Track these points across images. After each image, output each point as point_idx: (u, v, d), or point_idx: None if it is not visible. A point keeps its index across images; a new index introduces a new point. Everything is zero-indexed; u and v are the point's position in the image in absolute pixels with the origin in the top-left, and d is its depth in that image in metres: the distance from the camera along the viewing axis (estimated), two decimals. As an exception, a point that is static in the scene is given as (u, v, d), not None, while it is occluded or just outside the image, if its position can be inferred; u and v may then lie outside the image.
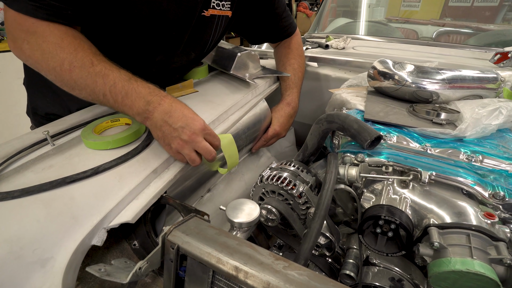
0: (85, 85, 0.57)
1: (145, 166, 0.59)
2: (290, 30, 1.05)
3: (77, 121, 0.70)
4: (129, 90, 0.58)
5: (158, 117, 0.58)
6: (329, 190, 0.60)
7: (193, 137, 0.58)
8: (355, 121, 0.68)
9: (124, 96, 0.57)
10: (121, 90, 0.57)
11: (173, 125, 0.57)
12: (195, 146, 0.59)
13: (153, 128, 0.59)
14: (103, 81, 0.57)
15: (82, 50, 0.58)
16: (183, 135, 0.57)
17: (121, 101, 0.58)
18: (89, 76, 0.57)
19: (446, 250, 0.54)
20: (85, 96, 0.60)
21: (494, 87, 0.82)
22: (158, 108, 0.58)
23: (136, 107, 0.58)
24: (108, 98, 0.58)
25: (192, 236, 0.48)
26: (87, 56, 0.58)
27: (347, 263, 0.66)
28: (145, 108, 0.58)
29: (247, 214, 0.59)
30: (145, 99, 0.58)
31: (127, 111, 0.59)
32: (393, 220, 0.56)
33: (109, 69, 0.58)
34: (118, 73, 0.58)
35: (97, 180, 0.54)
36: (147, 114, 0.58)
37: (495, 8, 1.76)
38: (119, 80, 0.58)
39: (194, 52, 0.86)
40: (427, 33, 1.90)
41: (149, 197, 0.56)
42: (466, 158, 0.63)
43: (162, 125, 0.58)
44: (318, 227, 0.56)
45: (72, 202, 0.49)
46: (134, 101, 0.58)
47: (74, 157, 0.58)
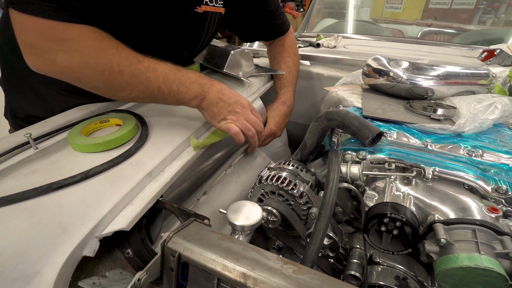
0: (138, 83, 0.57)
1: (139, 169, 0.55)
2: (283, 28, 1.03)
3: (62, 123, 0.66)
4: (181, 78, 0.61)
5: (213, 96, 0.64)
6: (333, 189, 0.58)
7: (244, 110, 0.67)
8: (355, 118, 0.66)
9: (179, 84, 0.61)
10: (174, 79, 0.60)
11: (227, 100, 0.65)
12: (247, 117, 0.68)
13: (209, 106, 0.64)
14: (155, 75, 0.58)
15: (124, 49, 0.56)
16: (236, 108, 0.66)
17: (176, 90, 0.61)
18: (140, 73, 0.57)
19: (452, 246, 0.53)
20: (135, 95, 0.59)
21: (486, 83, 0.84)
22: (212, 88, 0.64)
23: (193, 91, 0.62)
24: (163, 90, 0.60)
25: (193, 242, 0.45)
26: (131, 54, 0.57)
27: (351, 263, 0.65)
28: (200, 89, 0.63)
29: (249, 216, 0.56)
30: (198, 82, 0.63)
31: (183, 97, 0.62)
32: (399, 217, 0.55)
33: (155, 62, 0.59)
34: (164, 64, 0.60)
35: (87, 186, 0.50)
36: (204, 94, 0.64)
37: (472, 10, 1.85)
38: (169, 71, 0.60)
39: (186, 50, 0.83)
40: (412, 33, 1.95)
41: (144, 202, 0.52)
42: (467, 153, 0.62)
43: (218, 102, 0.64)
44: (324, 228, 0.54)
45: (59, 210, 0.45)
46: (189, 86, 0.62)
47: (60, 161, 0.54)
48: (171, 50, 0.78)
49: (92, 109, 0.72)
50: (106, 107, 0.74)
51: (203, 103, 0.64)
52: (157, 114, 0.71)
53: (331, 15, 2.16)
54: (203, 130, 0.71)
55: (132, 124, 0.61)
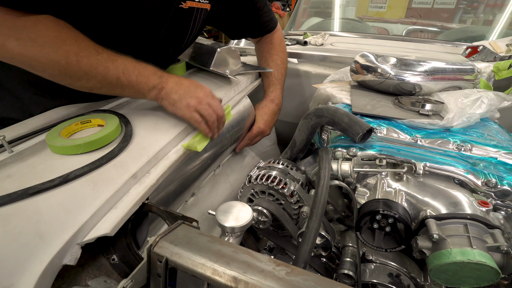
0: (96, 73, 0.57)
1: (123, 171, 0.53)
2: (271, 25, 1.02)
3: (40, 125, 0.62)
4: (140, 69, 0.62)
5: (171, 85, 0.64)
6: (324, 187, 0.57)
7: (206, 94, 0.67)
8: (345, 114, 0.66)
9: (138, 75, 0.61)
10: (133, 70, 0.61)
11: (186, 88, 0.65)
12: (208, 102, 0.66)
13: (168, 94, 0.64)
14: (114, 65, 0.58)
15: (83, 40, 0.57)
16: (197, 93, 0.65)
17: (135, 80, 0.61)
18: (99, 63, 0.57)
19: (445, 242, 0.53)
20: (93, 85, 0.59)
21: (472, 78, 0.85)
22: (170, 79, 0.65)
23: (151, 81, 0.63)
24: (122, 80, 0.60)
25: (181, 246, 0.43)
26: (90, 45, 0.57)
27: (344, 262, 0.64)
28: (159, 80, 0.64)
29: (239, 217, 0.55)
30: (156, 74, 0.64)
31: (142, 88, 0.62)
32: (391, 214, 0.54)
33: (115, 54, 0.60)
34: (124, 57, 0.61)
35: (67, 190, 0.47)
36: (162, 84, 0.64)
37: (453, 10, 1.92)
38: (129, 62, 0.61)
39: (171, 47, 0.81)
40: (397, 31, 1.98)
41: (129, 205, 0.50)
42: (456, 148, 0.63)
43: (177, 90, 0.64)
44: (316, 227, 0.52)
45: (36, 217, 0.42)
46: (148, 76, 0.62)
47: (38, 165, 0.51)
48: (156, 47, 0.76)
49: (72, 110, 0.68)
50: (88, 108, 0.71)
51: (161, 93, 0.64)
52: (141, 114, 0.69)
53: (317, 15, 2.18)
54: (190, 129, 0.69)
55: (115, 124, 0.59)
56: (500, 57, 1.08)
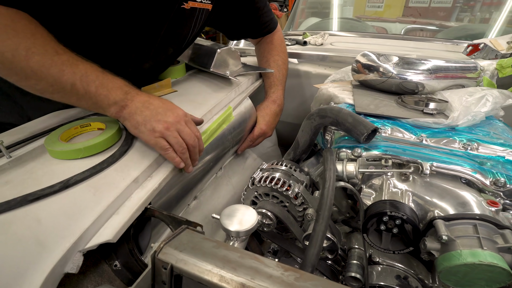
0: (47, 74, 0.50)
1: (124, 176, 0.51)
2: (271, 25, 1.01)
3: (39, 129, 0.61)
4: (104, 81, 0.54)
5: (137, 104, 0.55)
6: (330, 189, 0.56)
7: (177, 119, 0.56)
8: (349, 114, 0.65)
9: (98, 86, 0.53)
10: (94, 80, 0.53)
11: (155, 109, 0.56)
12: (179, 129, 0.56)
13: (132, 115, 0.55)
14: (72, 70, 0.51)
15: (42, 37, 0.51)
16: (167, 117, 0.55)
17: (94, 91, 0.53)
18: (53, 64, 0.50)
19: (454, 243, 0.52)
20: (43, 87, 0.52)
21: (475, 76, 0.84)
22: (136, 98, 0.56)
23: (113, 96, 0.54)
24: (78, 88, 0.52)
25: (187, 252, 0.42)
26: (49, 44, 0.51)
27: (351, 264, 0.63)
28: (123, 96, 0.55)
29: (244, 221, 0.53)
30: (122, 89, 0.55)
31: (101, 101, 0.54)
32: (399, 215, 0.53)
33: (78, 59, 0.53)
34: (88, 64, 0.54)
35: (67, 196, 0.46)
36: (126, 102, 0.55)
37: (449, 8, 1.92)
38: (92, 71, 0.53)
39: (172, 47, 0.80)
40: (395, 31, 1.98)
41: (132, 210, 0.49)
42: (462, 147, 0.62)
43: (143, 110, 0.55)
44: (323, 230, 0.51)
45: (36, 224, 0.41)
46: (110, 90, 0.54)
47: (37, 170, 0.49)
48: (156, 47, 0.74)
49: (71, 113, 0.67)
50: (87, 111, 0.69)
51: (123, 112, 0.55)
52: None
53: (314, 15, 2.18)
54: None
55: (116, 127, 0.57)
56: (502, 54, 1.08)
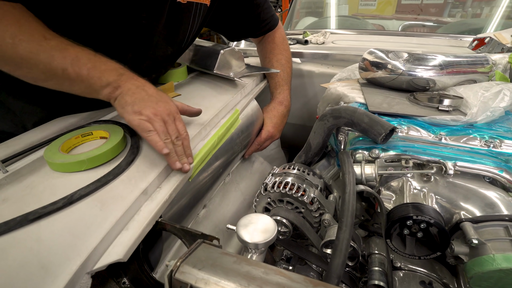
0: (37, 60, 0.48)
1: (132, 188, 0.48)
2: (272, 22, 0.97)
3: (37, 139, 0.57)
4: (96, 63, 0.52)
5: (131, 86, 0.53)
6: (351, 194, 0.52)
7: (167, 112, 0.53)
8: (365, 114, 0.62)
9: (91, 68, 0.51)
10: (86, 63, 0.51)
11: (147, 96, 0.53)
12: (167, 121, 0.53)
13: (123, 94, 0.53)
14: (62, 55, 0.50)
15: (28, 22, 0.49)
16: (157, 106, 0.53)
17: (86, 74, 0.51)
18: (42, 50, 0.48)
19: (485, 246, 0.49)
20: (36, 75, 0.51)
21: (486, 70, 0.82)
22: (131, 80, 0.54)
23: (106, 77, 0.52)
24: (69, 73, 0.50)
25: (206, 269, 0.39)
26: (36, 29, 0.49)
27: (373, 272, 0.59)
28: (117, 77, 0.53)
29: (263, 232, 0.50)
30: (117, 71, 0.54)
31: (94, 83, 0.52)
32: (425, 219, 0.50)
33: (68, 44, 0.51)
34: (79, 47, 0.52)
35: (72, 212, 0.42)
36: (119, 82, 0.53)
37: (441, 5, 1.92)
38: (83, 54, 0.52)
39: (171, 47, 0.75)
40: (392, 27, 1.97)
41: (142, 225, 0.45)
42: (485, 144, 0.59)
43: (135, 92, 0.53)
44: (348, 238, 0.48)
45: (39, 246, 0.37)
46: (103, 72, 0.52)
47: (37, 185, 0.45)
48: (154, 46, 0.70)
49: (71, 121, 0.63)
50: (87, 118, 0.65)
51: (116, 92, 0.53)
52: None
53: (309, 15, 2.16)
54: (200, 136, 0.64)
55: (120, 135, 0.54)
56: (508, 48, 1.06)
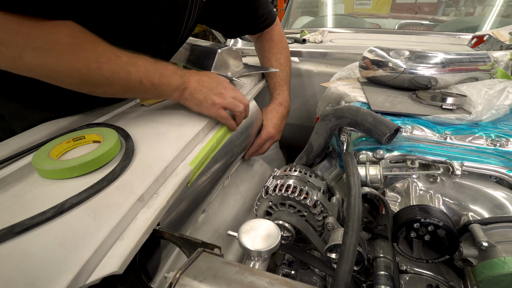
0: (118, 78, 0.54)
1: (128, 194, 0.45)
2: (270, 18, 0.94)
3: (25, 144, 0.54)
4: (161, 70, 0.59)
5: (194, 84, 0.63)
6: (357, 196, 0.50)
7: (227, 89, 0.67)
8: (368, 113, 0.60)
9: (160, 76, 0.59)
10: (155, 72, 0.58)
11: (209, 85, 0.64)
12: (232, 95, 0.66)
13: (193, 94, 0.63)
14: (136, 69, 0.55)
15: (100, 44, 0.52)
16: (220, 89, 0.65)
17: (158, 82, 0.59)
18: (120, 68, 0.53)
19: (495, 249, 0.47)
20: (115, 90, 0.56)
21: (488, 68, 0.80)
22: (191, 78, 0.63)
23: (174, 82, 0.61)
24: (145, 84, 0.57)
25: (208, 281, 0.36)
26: (108, 49, 0.53)
27: (379, 276, 0.58)
28: (181, 80, 0.62)
29: (265, 238, 0.48)
30: (177, 73, 0.62)
31: (165, 89, 0.60)
32: (433, 221, 0.49)
33: (134, 57, 0.56)
34: (142, 57, 0.57)
35: (62, 223, 0.39)
36: (185, 84, 0.62)
37: (435, 4, 1.94)
38: (149, 64, 0.58)
39: (165, 43, 0.73)
40: (389, 26, 1.96)
41: (138, 234, 0.42)
42: (491, 143, 0.58)
43: (201, 89, 0.63)
44: (354, 243, 0.46)
45: (26, 261, 0.34)
46: (170, 77, 0.60)
47: (24, 194, 0.42)
48: (148, 43, 0.68)
49: (62, 124, 0.60)
50: (79, 121, 0.62)
51: (185, 94, 0.63)
52: (141, 125, 0.61)
53: (304, 14, 2.15)
54: (198, 139, 0.62)
55: (114, 139, 0.51)
56: (507, 45, 1.05)
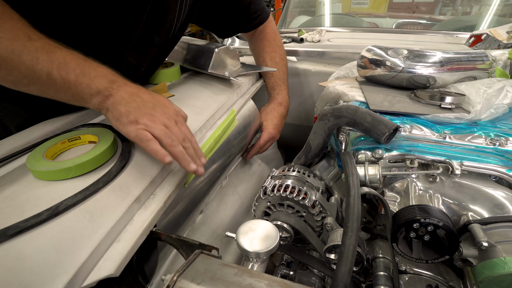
0: (18, 62, 0.44)
1: (124, 195, 0.44)
2: (262, 15, 0.92)
3: (19, 145, 0.53)
4: (86, 68, 0.48)
5: (124, 94, 0.49)
6: (356, 196, 0.50)
7: (167, 116, 0.50)
8: (367, 113, 0.60)
9: (79, 74, 0.47)
10: (75, 68, 0.47)
11: (143, 102, 0.49)
12: (168, 125, 0.49)
13: (115, 105, 0.48)
14: (48, 57, 0.45)
15: (11, 20, 0.45)
16: (155, 112, 0.49)
17: (74, 80, 0.47)
18: (26, 51, 0.44)
19: (495, 249, 0.47)
20: (16, 78, 0.46)
21: (486, 67, 0.80)
22: (124, 88, 0.50)
23: (96, 85, 0.48)
24: (55, 78, 0.46)
25: (205, 283, 0.36)
26: (21, 28, 0.45)
27: (378, 277, 0.57)
28: (108, 85, 0.49)
29: (264, 239, 0.47)
30: (108, 77, 0.49)
31: (82, 91, 0.48)
32: (433, 221, 0.48)
33: (56, 46, 0.47)
34: (68, 51, 0.48)
35: (57, 225, 0.38)
36: (110, 91, 0.49)
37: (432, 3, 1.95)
38: (72, 58, 0.47)
39: (157, 35, 0.69)
40: (386, 25, 1.96)
41: (135, 236, 0.42)
42: (490, 142, 0.57)
43: (129, 101, 0.49)
44: (354, 244, 0.46)
45: (20, 264, 0.34)
46: (93, 78, 0.48)
47: (18, 196, 0.42)
48: (139, 34, 0.65)
49: (57, 125, 0.59)
50: (75, 121, 0.62)
51: (107, 102, 0.49)
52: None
53: (301, 14, 2.14)
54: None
55: (110, 139, 0.50)
56: (504, 44, 1.05)
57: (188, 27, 4.06)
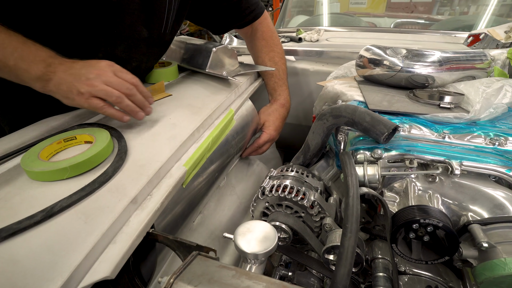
0: None
1: (120, 196, 0.44)
2: (256, 11, 0.90)
3: (14, 145, 0.52)
4: (24, 53, 0.49)
5: (61, 75, 0.51)
6: (355, 197, 0.50)
7: (100, 72, 0.51)
8: (366, 113, 0.59)
9: (18, 59, 0.48)
10: (12, 53, 0.48)
11: (77, 72, 0.51)
12: (106, 80, 0.51)
13: (58, 86, 0.51)
14: None
15: None
16: (89, 74, 0.51)
17: (13, 65, 0.48)
18: None
19: (495, 250, 0.47)
20: None
21: (485, 66, 0.80)
22: (59, 68, 0.51)
23: (34, 71, 0.49)
24: None
25: (203, 286, 0.35)
26: None
27: (377, 278, 0.57)
28: (45, 70, 0.50)
29: (262, 240, 0.47)
30: (45, 61, 0.50)
31: (22, 75, 0.50)
32: (433, 222, 0.48)
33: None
34: (7, 34, 0.48)
35: (52, 227, 0.38)
36: (49, 75, 0.50)
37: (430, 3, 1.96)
38: (9, 42, 0.48)
39: (146, 29, 0.68)
40: (385, 25, 1.97)
41: (131, 237, 0.41)
42: (490, 142, 0.57)
43: (66, 77, 0.50)
44: (353, 245, 0.45)
45: (13, 267, 0.33)
46: (30, 64, 0.49)
47: (12, 197, 0.41)
48: (127, 27, 0.64)
49: (52, 124, 0.59)
50: (71, 121, 0.61)
51: (49, 85, 0.51)
52: (135, 125, 0.60)
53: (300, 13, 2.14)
54: (194, 139, 0.60)
55: (106, 139, 0.50)
56: (502, 44, 1.06)
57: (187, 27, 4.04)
